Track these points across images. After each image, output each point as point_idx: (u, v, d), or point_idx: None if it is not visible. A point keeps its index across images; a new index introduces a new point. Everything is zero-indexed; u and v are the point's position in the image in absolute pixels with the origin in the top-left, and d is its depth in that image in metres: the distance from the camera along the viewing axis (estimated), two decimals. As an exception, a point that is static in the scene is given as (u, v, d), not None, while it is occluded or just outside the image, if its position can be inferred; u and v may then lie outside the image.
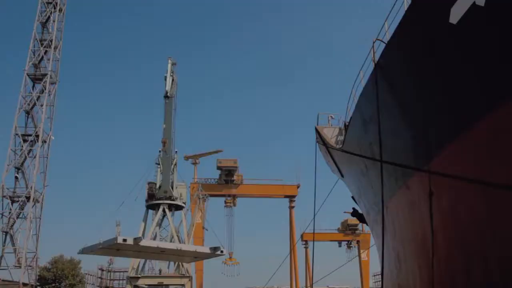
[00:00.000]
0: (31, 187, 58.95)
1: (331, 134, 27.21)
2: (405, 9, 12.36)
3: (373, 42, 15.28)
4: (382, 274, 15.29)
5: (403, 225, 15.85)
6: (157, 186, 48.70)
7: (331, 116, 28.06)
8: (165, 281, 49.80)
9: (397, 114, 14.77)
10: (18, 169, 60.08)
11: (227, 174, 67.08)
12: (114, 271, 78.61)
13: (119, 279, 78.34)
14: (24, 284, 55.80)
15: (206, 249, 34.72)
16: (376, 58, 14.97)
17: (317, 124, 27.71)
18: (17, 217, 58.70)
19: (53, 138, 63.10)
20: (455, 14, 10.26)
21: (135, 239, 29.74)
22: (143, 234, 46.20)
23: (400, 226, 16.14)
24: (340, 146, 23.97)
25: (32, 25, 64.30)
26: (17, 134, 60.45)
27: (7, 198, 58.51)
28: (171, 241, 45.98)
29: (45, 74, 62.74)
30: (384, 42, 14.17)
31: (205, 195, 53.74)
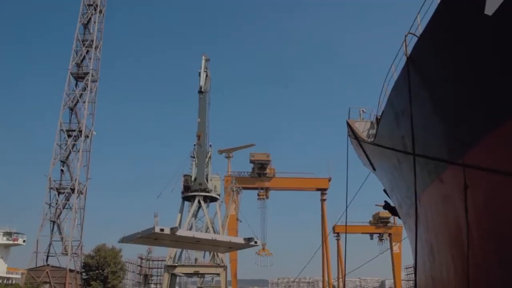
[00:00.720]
0: (75, 180, 61.03)
1: (362, 128, 26.81)
2: (438, 1, 11.99)
3: (405, 36, 14.92)
4: (415, 266, 15.01)
5: (436, 218, 15.49)
6: (193, 178, 49.32)
7: (363, 110, 27.64)
8: (201, 270, 50.50)
9: (429, 107, 14.39)
10: (63, 162, 62.27)
11: (260, 167, 67.27)
12: (153, 260, 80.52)
13: (157, 268, 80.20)
14: (71, 271, 57.94)
15: (240, 240, 34.97)
16: (408, 52, 14.62)
17: (349, 118, 27.35)
18: (63, 208, 60.96)
19: (95, 133, 65.00)
20: (491, 5, 9.87)
21: (171, 228, 30.25)
22: (179, 225, 46.91)
23: (434, 219, 15.78)
24: (372, 139, 23.61)
25: (74, 27, 66.26)
26: (62, 130, 62.62)
27: (54, 189, 60.84)
28: (206, 232, 46.52)
29: (87, 73, 64.60)
30: (416, 36, 13.81)
31: (239, 187, 54.07)
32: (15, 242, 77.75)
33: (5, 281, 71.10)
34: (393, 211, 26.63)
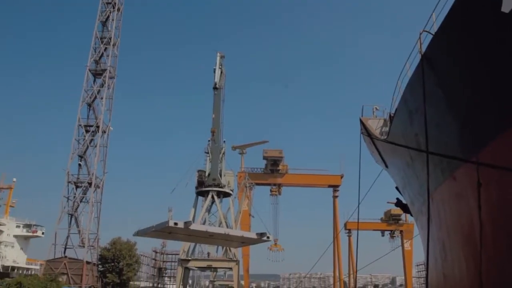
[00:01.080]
0: (93, 174, 61.71)
1: (375, 125, 26.60)
2: None
3: (420, 34, 14.74)
4: (427, 263, 14.89)
5: (449, 215, 15.33)
6: (206, 173, 49.53)
7: (376, 108, 27.42)
8: (214, 264, 50.77)
9: (444, 105, 14.22)
10: (81, 157, 63.02)
11: (273, 164, 67.23)
12: (167, 254, 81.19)
13: (171, 261, 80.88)
14: (87, 262, 58.72)
15: (253, 235, 34.89)
16: (423, 50, 14.45)
17: (362, 116, 27.17)
18: (81, 201, 61.75)
19: (111, 128, 65.60)
20: (508, 3, 9.70)
21: (185, 222, 30.34)
22: (193, 219, 47.15)
23: (446, 216, 15.62)
24: (385, 137, 23.42)
25: (93, 24, 66.88)
26: (80, 125, 63.34)
27: (71, 183, 61.65)
28: (219, 226, 46.71)
29: (105, 70, 65.15)
30: (431, 34, 13.63)
31: (252, 183, 54.20)
32: (35, 234, 79.12)
33: (25, 272, 72.39)
34: (405, 208, 26.42)
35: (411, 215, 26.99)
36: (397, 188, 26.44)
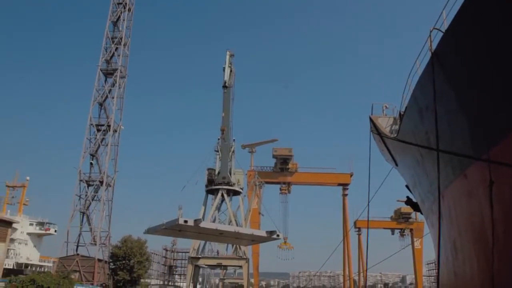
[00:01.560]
0: (104, 173, 62.16)
1: (385, 124, 26.43)
2: None
3: (430, 31, 14.60)
4: (438, 262, 14.78)
5: (460, 214, 15.18)
6: (216, 172, 49.62)
7: (386, 106, 27.25)
8: (224, 262, 50.90)
9: (454, 103, 14.08)
10: (92, 156, 63.49)
11: (282, 162, 67.09)
12: (177, 252, 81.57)
13: (181, 259, 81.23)
14: (99, 260, 59.22)
15: (262, 233, 34.89)
16: (433, 47, 14.32)
17: (372, 114, 27.01)
18: (92, 199, 62.26)
19: (123, 127, 65.98)
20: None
21: (195, 220, 30.46)
22: (203, 217, 47.28)
23: (457, 215, 15.46)
24: (395, 135, 23.25)
25: (104, 24, 67.31)
26: (91, 124, 63.77)
27: (83, 182, 62.15)
28: (229, 224, 46.76)
29: (116, 69, 65.49)
30: (441, 31, 13.49)
31: (261, 182, 54.12)
32: (47, 232, 79.89)
33: (38, 269, 73.23)
34: (415, 206, 26.24)
35: (422, 213, 26.82)
36: (407, 186, 26.26)
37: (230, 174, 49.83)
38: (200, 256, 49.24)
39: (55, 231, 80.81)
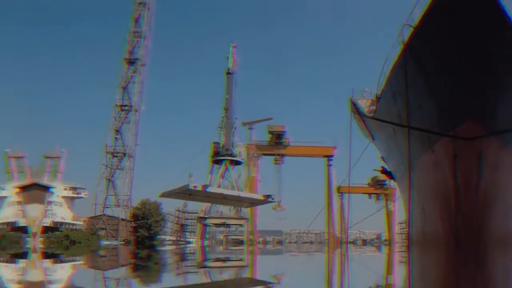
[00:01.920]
0: (127, 146, 62.14)
1: (364, 105, 26.23)
2: None
3: (402, 27, 14.27)
4: (409, 222, 14.84)
5: (427, 182, 15.14)
6: (221, 145, 49.62)
7: (365, 90, 27.13)
8: (228, 222, 51.44)
9: (423, 88, 13.83)
10: (117, 131, 63.41)
11: (277, 137, 66.88)
12: (188, 212, 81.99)
13: (191, 219, 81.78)
14: (122, 219, 59.85)
15: (260, 197, 35.05)
16: (405, 40, 13.97)
17: (352, 96, 26.80)
18: (116, 168, 62.39)
19: (143, 108, 65.67)
20: None
21: (203, 186, 30.57)
22: (209, 184, 47.47)
23: (425, 182, 15.43)
24: (372, 114, 23.04)
25: (127, 20, 66.90)
26: (116, 105, 63.46)
27: (109, 153, 62.23)
28: (232, 190, 46.99)
29: (137, 58, 64.92)
30: (412, 27, 13.19)
31: (259, 154, 54.17)
32: (78, 195, 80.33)
33: (70, 227, 74.01)
34: (389, 175, 26.29)
35: (395, 180, 26.83)
36: (382, 157, 26.24)
37: (233, 147, 49.80)
38: (207, 216, 49.75)
39: (85, 195, 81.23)
